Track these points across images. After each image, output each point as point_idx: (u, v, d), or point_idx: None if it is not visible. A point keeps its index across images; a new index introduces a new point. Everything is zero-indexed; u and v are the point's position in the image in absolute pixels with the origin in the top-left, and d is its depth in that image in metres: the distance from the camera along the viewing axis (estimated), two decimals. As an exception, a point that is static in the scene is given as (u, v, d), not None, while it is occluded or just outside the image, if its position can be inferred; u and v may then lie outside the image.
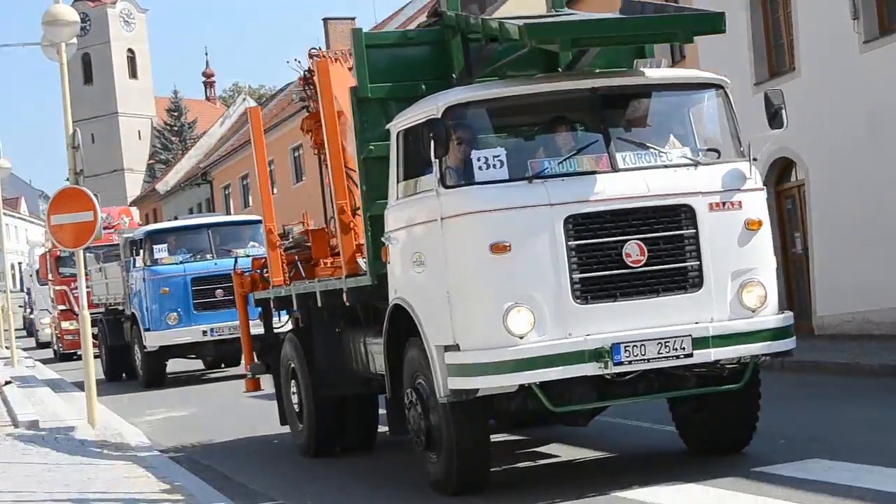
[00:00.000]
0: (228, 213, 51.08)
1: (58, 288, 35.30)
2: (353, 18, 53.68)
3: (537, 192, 8.96)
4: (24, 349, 40.24)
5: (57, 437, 14.46)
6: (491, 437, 9.79)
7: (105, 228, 31.02)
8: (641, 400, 9.49)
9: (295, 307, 12.58)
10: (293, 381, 12.68)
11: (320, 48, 13.88)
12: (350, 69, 13.33)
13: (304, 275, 13.17)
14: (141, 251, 23.29)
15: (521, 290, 8.84)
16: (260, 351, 14.21)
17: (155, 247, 22.94)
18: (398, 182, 9.89)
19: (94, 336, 27.95)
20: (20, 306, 61.74)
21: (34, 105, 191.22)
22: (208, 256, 23.04)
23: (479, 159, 9.12)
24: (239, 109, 79.00)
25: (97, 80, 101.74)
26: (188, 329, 22.63)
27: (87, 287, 27.78)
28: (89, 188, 15.64)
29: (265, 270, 13.95)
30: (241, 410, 17.50)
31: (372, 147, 10.51)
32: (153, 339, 22.85)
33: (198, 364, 26.22)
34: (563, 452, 11.40)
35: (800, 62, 20.06)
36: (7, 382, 21.61)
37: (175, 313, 22.56)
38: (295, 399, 12.69)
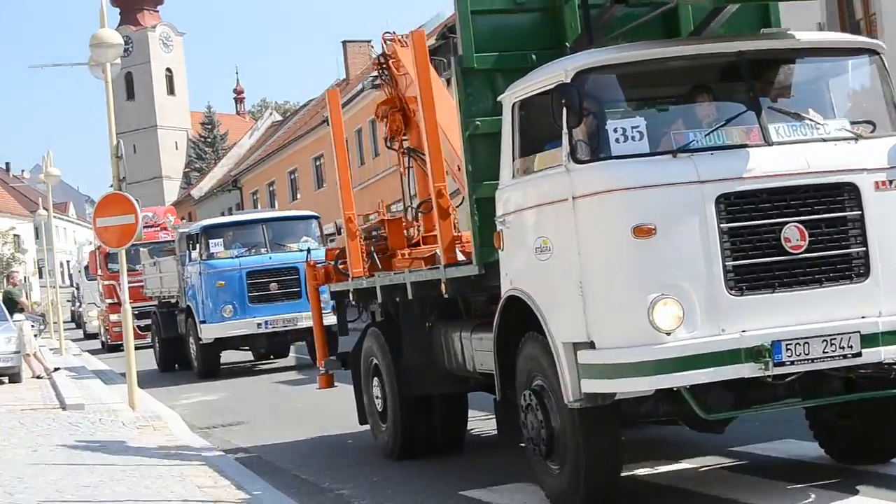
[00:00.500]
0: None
1: (107, 283, 33.50)
2: (369, 41, 52.33)
3: (685, 168, 6.90)
4: (73, 340, 38.56)
5: (101, 419, 14.18)
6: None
7: (150, 227, 29.52)
8: (783, 407, 7.31)
9: (379, 299, 10.33)
10: (375, 379, 10.48)
11: (394, 31, 11.70)
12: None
13: (380, 266, 11.10)
14: (197, 245, 21.24)
15: (668, 280, 6.78)
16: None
17: (211, 241, 20.90)
18: (513, 159, 7.81)
19: (147, 328, 26.25)
20: (68, 300, 59.91)
21: (81, 118, 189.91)
22: (263, 251, 21.01)
23: (615, 130, 7.05)
24: (266, 123, 78.50)
25: (138, 96, 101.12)
26: (243, 321, 20.63)
27: (141, 280, 26.28)
28: (131, 194, 15.53)
29: (340, 262, 11.77)
30: (292, 401, 16.14)
31: (478, 123, 8.35)
32: (209, 331, 20.81)
33: (247, 356, 24.14)
34: (675, 456, 9.26)
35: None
36: (56, 369, 20.61)
37: (230, 306, 20.53)
38: (377, 397, 10.49)
